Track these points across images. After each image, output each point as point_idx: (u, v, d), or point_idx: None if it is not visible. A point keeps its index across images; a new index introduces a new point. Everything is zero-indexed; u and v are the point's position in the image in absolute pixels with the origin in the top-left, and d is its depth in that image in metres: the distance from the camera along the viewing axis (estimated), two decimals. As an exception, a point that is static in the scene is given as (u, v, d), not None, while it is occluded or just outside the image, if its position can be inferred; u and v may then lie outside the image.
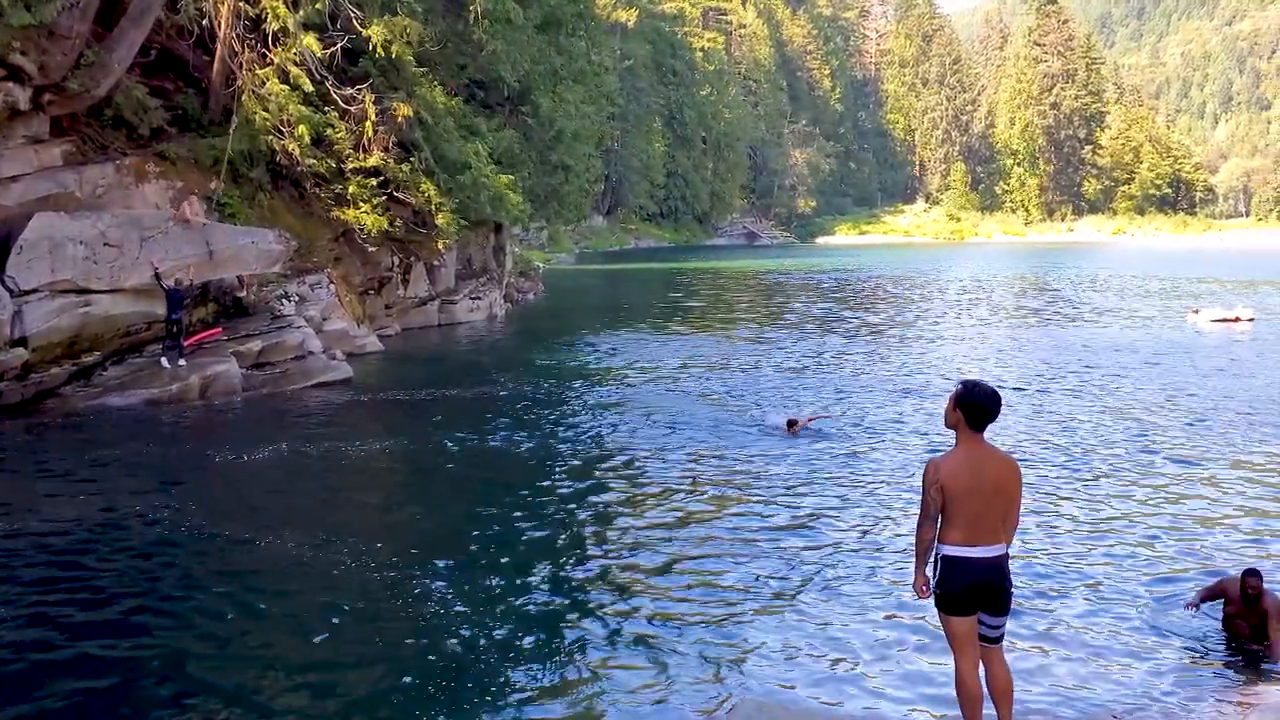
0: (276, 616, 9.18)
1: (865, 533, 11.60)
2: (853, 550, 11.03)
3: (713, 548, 11.02)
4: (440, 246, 28.50)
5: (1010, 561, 5.80)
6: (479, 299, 33.43)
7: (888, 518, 12.05)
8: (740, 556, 10.71)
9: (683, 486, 13.54)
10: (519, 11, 27.84)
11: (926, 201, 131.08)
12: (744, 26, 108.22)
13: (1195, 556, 10.91)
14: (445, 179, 26.92)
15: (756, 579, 10.07)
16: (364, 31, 24.13)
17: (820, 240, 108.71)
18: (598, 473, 14.37)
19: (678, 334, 30.54)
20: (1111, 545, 11.30)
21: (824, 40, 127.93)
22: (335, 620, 8.92)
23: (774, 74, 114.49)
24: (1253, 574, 8.26)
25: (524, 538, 11.36)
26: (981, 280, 55.93)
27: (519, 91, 32.05)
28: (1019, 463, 5.87)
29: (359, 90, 24.92)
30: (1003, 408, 5.65)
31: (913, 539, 5.67)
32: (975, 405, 5.47)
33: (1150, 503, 13.05)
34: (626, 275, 59.83)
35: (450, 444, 15.81)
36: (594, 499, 13.11)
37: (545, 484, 13.72)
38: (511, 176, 29.63)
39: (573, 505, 12.76)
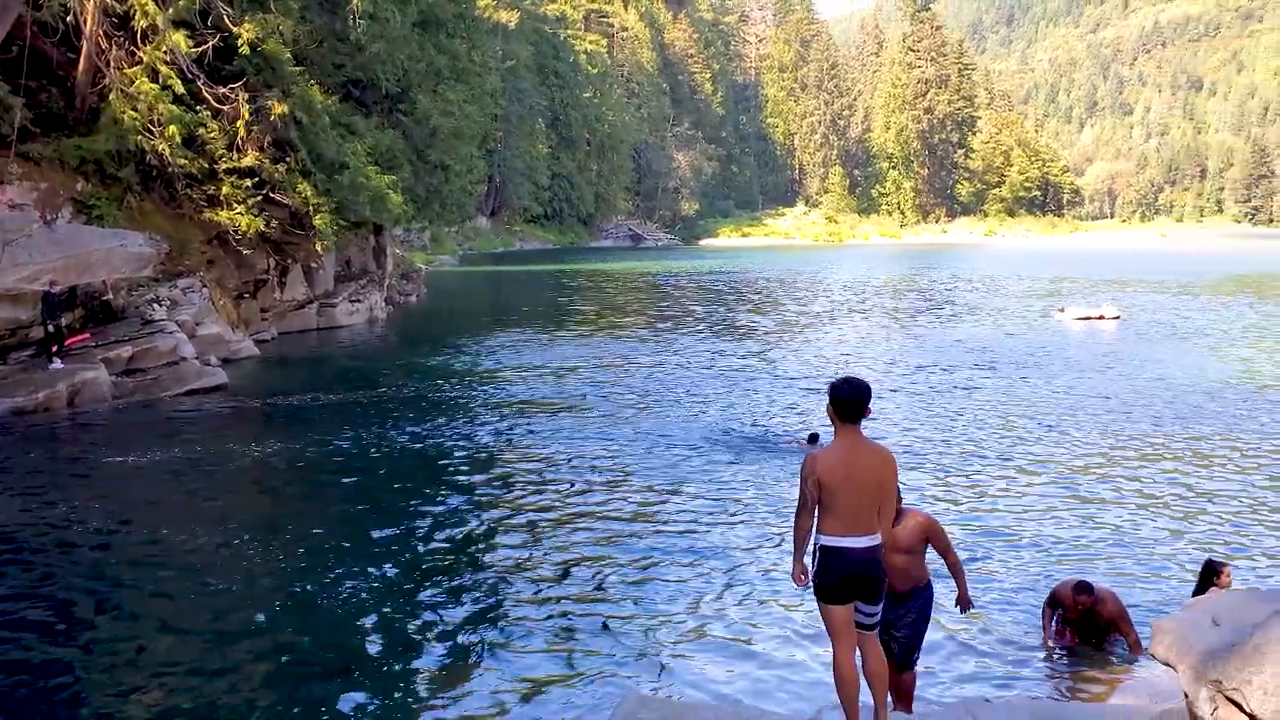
0: (162, 619, 9.05)
1: (749, 525, 11.80)
2: (736, 542, 11.22)
3: (597, 546, 11.10)
4: (318, 248, 28.00)
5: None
6: (359, 301, 32.96)
7: (771, 511, 12.27)
8: (623, 553, 10.82)
9: (567, 486, 13.59)
10: (396, 11, 27.54)
11: (806, 204, 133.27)
12: (626, 29, 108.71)
13: (1066, 544, 11.35)
14: (323, 179, 26.48)
15: (641, 575, 10.20)
16: (236, 29, 23.59)
17: (704, 242, 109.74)
18: (480, 475, 14.34)
19: (564, 336, 30.57)
20: (986, 535, 11.69)
21: (705, 44, 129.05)
22: (222, 621, 8.86)
23: (656, 77, 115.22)
24: (1083, 590, 8.49)
25: (408, 540, 11.31)
26: (860, 281, 57.14)
27: (398, 91, 31.69)
28: (897, 455, 6.04)
29: (232, 89, 24.37)
30: (885, 404, 5.82)
31: (792, 530, 5.79)
32: (845, 399, 5.62)
33: (1023, 493, 13.53)
34: (512, 277, 59.60)
35: (330, 448, 15.59)
36: (477, 500, 13.09)
37: (428, 487, 13.65)
38: (392, 177, 29.29)
39: (455, 506, 12.72)
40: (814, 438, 15.49)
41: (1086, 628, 8.54)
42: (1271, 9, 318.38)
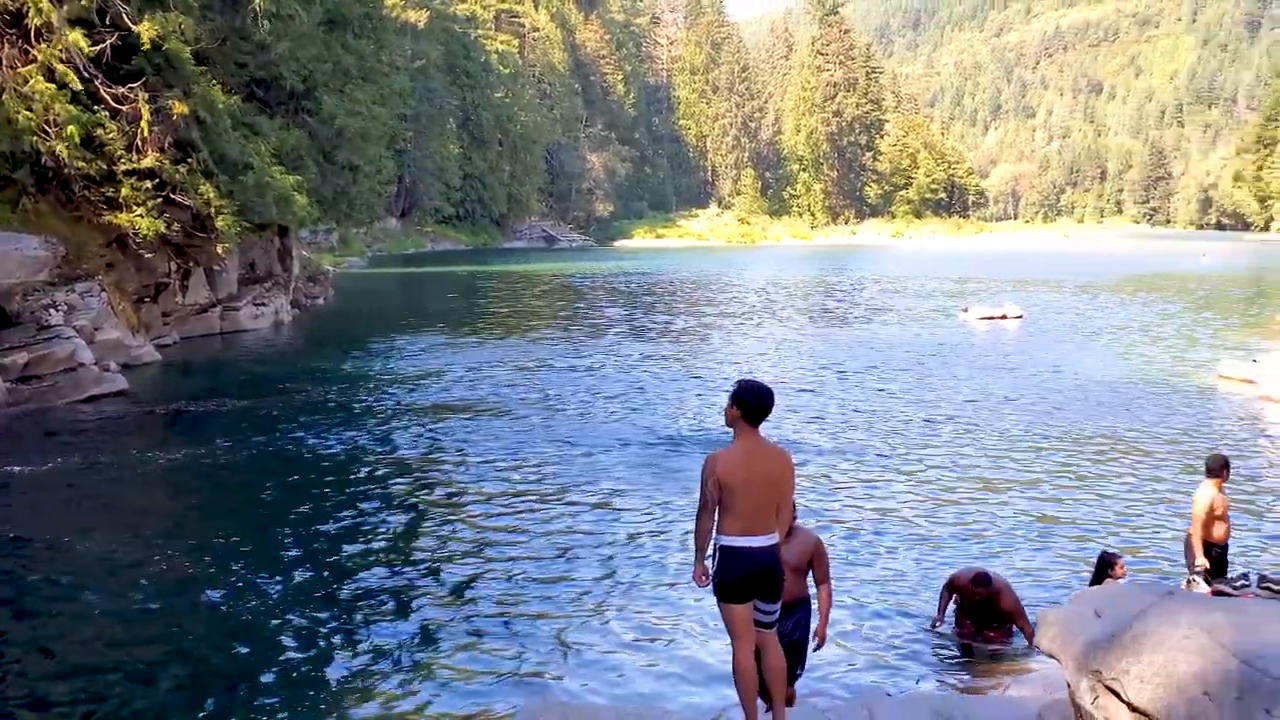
0: (62, 629, 8.87)
1: (658, 525, 11.88)
2: (645, 543, 11.29)
3: (506, 547, 11.09)
4: (221, 251, 27.43)
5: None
6: (264, 305, 32.39)
7: (680, 511, 12.35)
8: (533, 554, 10.84)
9: (478, 488, 13.55)
10: (300, 10, 27.14)
11: (719, 206, 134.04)
12: (537, 30, 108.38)
13: (967, 538, 11.61)
14: (226, 180, 25.94)
15: (549, 575, 10.22)
16: (135, 28, 23.02)
17: (618, 243, 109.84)
18: (390, 479, 14.21)
19: (477, 338, 30.37)
20: (889, 530, 11.90)
21: (617, 46, 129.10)
22: (126, 629, 8.76)
23: (568, 78, 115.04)
24: (981, 582, 8.71)
25: (315, 544, 11.20)
26: (772, 283, 57.69)
27: (304, 91, 31.23)
28: (806, 454, 6.13)
29: (131, 89, 23.77)
30: (794, 403, 5.89)
31: (693, 531, 5.86)
32: (750, 402, 5.71)
33: (925, 489, 13.79)
34: (423, 278, 59.07)
35: (235, 454, 15.33)
36: (386, 504, 12.98)
37: (336, 492, 13.50)
38: (297, 178, 28.83)
39: (364, 511, 12.61)
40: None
41: (983, 617, 8.74)
42: (1167, 15, 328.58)
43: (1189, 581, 7.93)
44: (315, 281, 42.04)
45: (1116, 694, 4.07)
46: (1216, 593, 5.37)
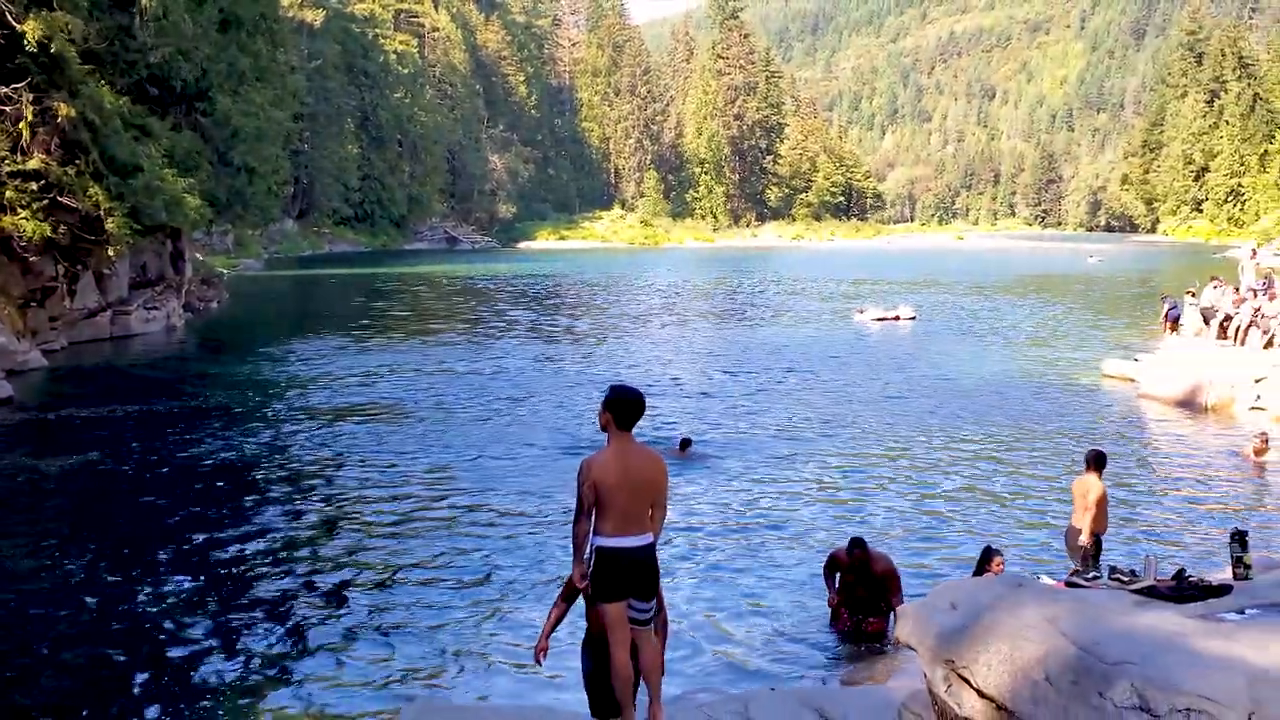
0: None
1: (549, 528, 12.01)
2: (532, 545, 11.42)
3: (399, 553, 11.13)
4: (110, 254, 26.83)
5: (683, 544, 6.26)
6: (156, 309, 31.72)
7: (558, 515, 12.48)
8: (410, 563, 10.89)
9: (372, 493, 13.53)
10: (190, 10, 26.70)
11: (623, 208, 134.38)
12: (437, 30, 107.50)
13: (862, 535, 11.93)
14: (116, 182, 25.41)
15: (438, 578, 10.30)
16: (20, 27, 22.45)
17: (522, 245, 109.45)
18: (284, 485, 14.12)
19: (376, 341, 30.10)
20: (774, 527, 12.20)
21: (518, 47, 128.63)
22: (6, 639, 8.53)
23: (469, 79, 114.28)
24: (856, 545, 9.07)
25: (207, 552, 11.12)
26: (675, 284, 58.14)
27: (198, 91, 30.69)
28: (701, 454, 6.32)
29: (15, 89, 23.17)
30: (692, 406, 6.05)
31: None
32: (622, 406, 5.88)
33: (816, 488, 14.14)
34: (321, 281, 58.28)
35: (126, 461, 15.10)
36: (279, 510, 12.91)
37: (228, 498, 13.39)
38: (190, 180, 28.34)
39: (256, 517, 12.54)
40: (686, 442, 15.74)
41: (862, 583, 8.99)
42: (1057, 22, 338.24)
43: (1039, 579, 8.32)
44: (209, 284, 41.24)
45: (967, 681, 4.32)
46: (1069, 584, 5.70)
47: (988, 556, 9.22)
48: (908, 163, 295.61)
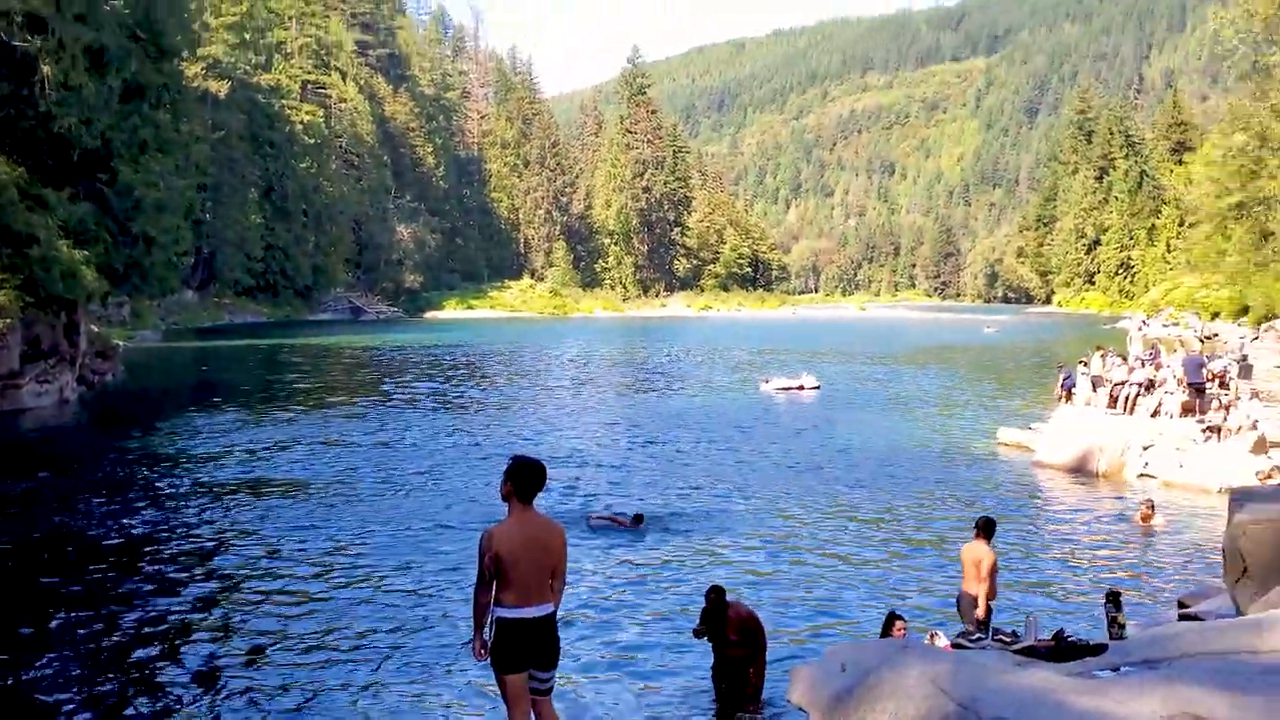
0: None
1: (438, 604, 11.91)
2: (425, 621, 11.31)
3: (278, 634, 10.91)
4: (1, 326, 26.13)
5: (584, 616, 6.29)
6: (48, 382, 30.85)
7: (459, 587, 12.39)
8: (307, 647, 10.66)
9: (259, 572, 13.28)
10: (92, 80, 26.42)
11: (532, 278, 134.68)
12: (344, 101, 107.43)
13: (764, 603, 12.02)
14: (9, 254, 24.86)
15: (324, 661, 10.13)
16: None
17: (429, 315, 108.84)
18: (168, 561, 13.81)
19: (278, 415, 29.56)
20: (680, 593, 12.24)
21: (427, 118, 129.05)
22: None
23: (377, 149, 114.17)
24: (715, 590, 9.04)
25: (85, 629, 10.78)
26: (584, 355, 58.29)
27: (97, 160, 30.23)
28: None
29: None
30: (600, 477, 6.10)
31: (471, 605, 6.01)
32: (524, 476, 5.95)
33: (723, 556, 14.22)
34: (221, 352, 57.19)
35: (11, 538, 14.58)
36: (159, 587, 12.61)
37: (120, 574, 13.02)
38: (87, 251, 27.81)
39: (138, 593, 12.23)
40: (639, 518, 15.77)
41: (729, 633, 8.88)
42: (953, 101, 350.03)
43: (932, 635, 8.49)
44: (104, 357, 40.19)
45: (855, 740, 4.42)
46: (956, 645, 5.84)
47: (890, 621, 9.37)
48: (811, 235, 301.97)
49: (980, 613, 9.54)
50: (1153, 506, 16.84)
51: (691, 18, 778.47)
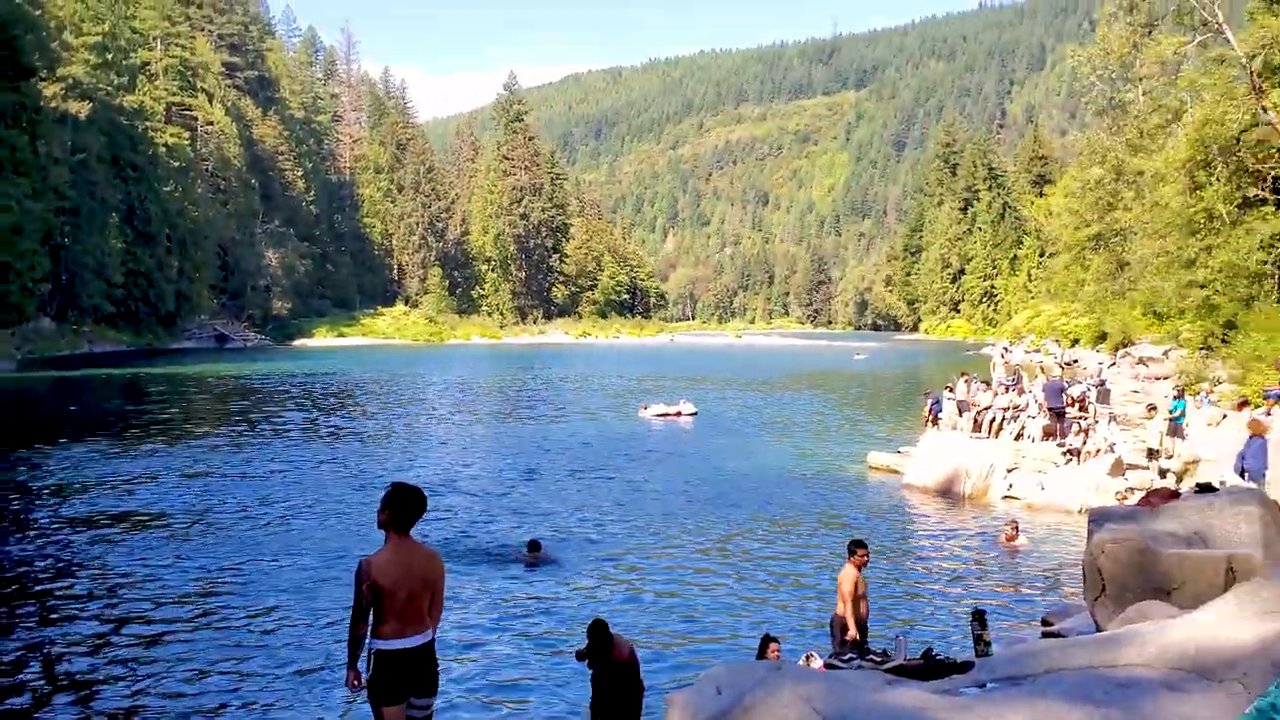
0: None
1: (310, 637, 11.61)
2: (298, 655, 11.00)
3: (135, 677, 10.50)
4: None
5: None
6: (-109, 412, 29.30)
7: (331, 620, 12.11)
8: (169, 690, 10.29)
9: (136, 604, 12.78)
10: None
11: (406, 304, 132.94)
12: (211, 124, 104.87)
13: (647, 628, 11.99)
14: None
15: (192, 695, 9.77)
16: None
17: (299, 342, 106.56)
18: (16, 598, 13.16)
19: (137, 446, 28.48)
20: (560, 618, 12.14)
21: (297, 142, 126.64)
22: None
23: (245, 173, 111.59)
24: (596, 624, 8.93)
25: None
26: (461, 382, 57.71)
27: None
28: (488, 552, 6.26)
29: None
30: (473, 505, 6.00)
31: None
32: (402, 504, 5.84)
33: (602, 581, 14.16)
34: (80, 383, 54.96)
35: None
36: (26, 624, 12.00)
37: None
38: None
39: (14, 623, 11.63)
40: (535, 545, 15.52)
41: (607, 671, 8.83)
42: (824, 133, 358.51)
43: (808, 656, 8.60)
44: (-47, 386, 38.37)
45: (730, 762, 4.42)
46: (829, 666, 5.90)
47: (765, 643, 9.44)
48: (688, 264, 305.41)
49: (853, 633, 9.71)
50: (1016, 527, 17.36)
51: (568, 45, 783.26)
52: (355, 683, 5.80)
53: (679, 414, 38.23)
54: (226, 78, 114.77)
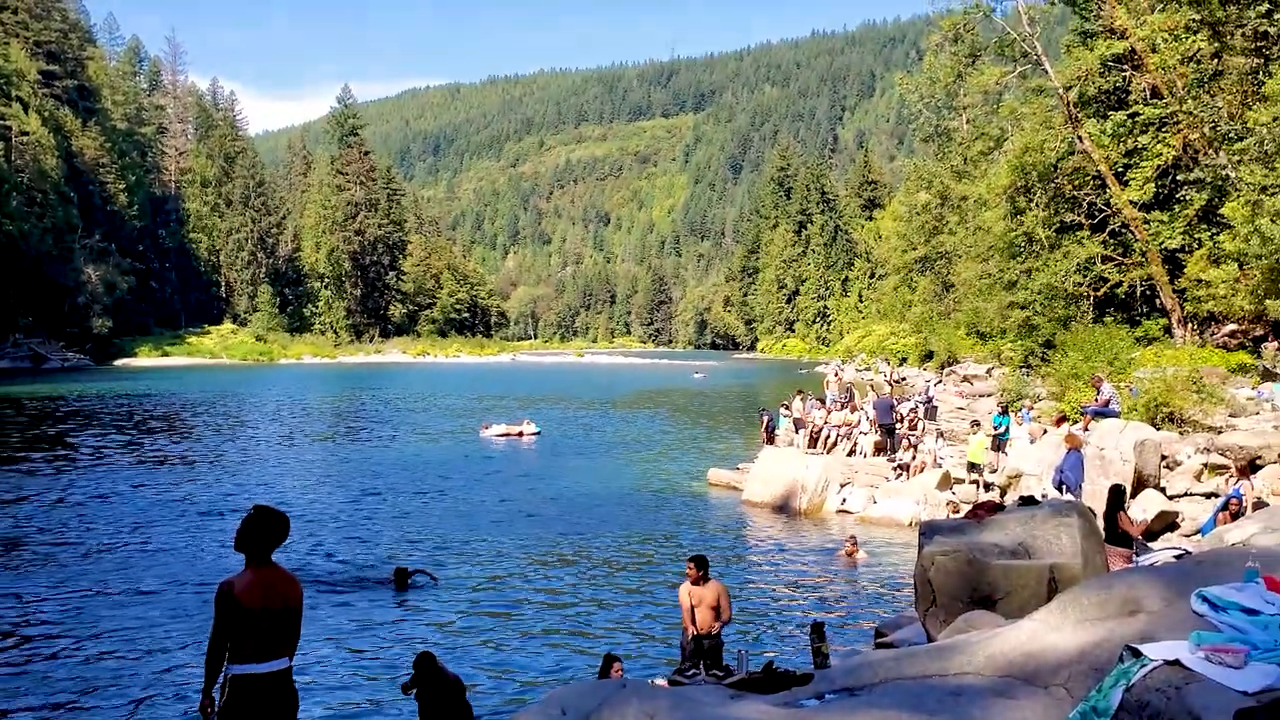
0: None
1: (155, 667, 11.13)
2: (146, 686, 10.56)
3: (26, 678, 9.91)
4: None
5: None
6: None
7: (188, 647, 11.66)
8: (46, 683, 9.75)
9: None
10: None
11: (235, 322, 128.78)
12: (26, 134, 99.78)
13: (488, 648, 11.83)
14: None
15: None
16: None
17: (121, 362, 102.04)
18: None
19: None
20: (399, 642, 11.90)
21: (119, 154, 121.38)
22: None
23: (62, 185, 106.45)
24: (422, 656, 8.79)
25: None
26: (293, 403, 56.15)
27: None
28: (327, 578, 6.08)
29: None
30: (314, 530, 5.83)
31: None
32: (265, 528, 5.72)
33: (444, 605, 13.95)
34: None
35: None
36: None
37: None
38: None
39: None
40: (402, 572, 15.10)
41: (424, 693, 8.71)
42: (664, 155, 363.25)
43: (678, 670, 8.60)
44: None
45: (575, 785, 4.38)
46: (672, 682, 5.93)
47: (609, 662, 9.43)
48: (530, 282, 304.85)
49: (691, 645, 9.77)
50: (855, 541, 17.83)
51: (405, 62, 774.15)
52: (209, 709, 5.60)
53: (521, 434, 38.05)
54: (44, 86, 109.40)
